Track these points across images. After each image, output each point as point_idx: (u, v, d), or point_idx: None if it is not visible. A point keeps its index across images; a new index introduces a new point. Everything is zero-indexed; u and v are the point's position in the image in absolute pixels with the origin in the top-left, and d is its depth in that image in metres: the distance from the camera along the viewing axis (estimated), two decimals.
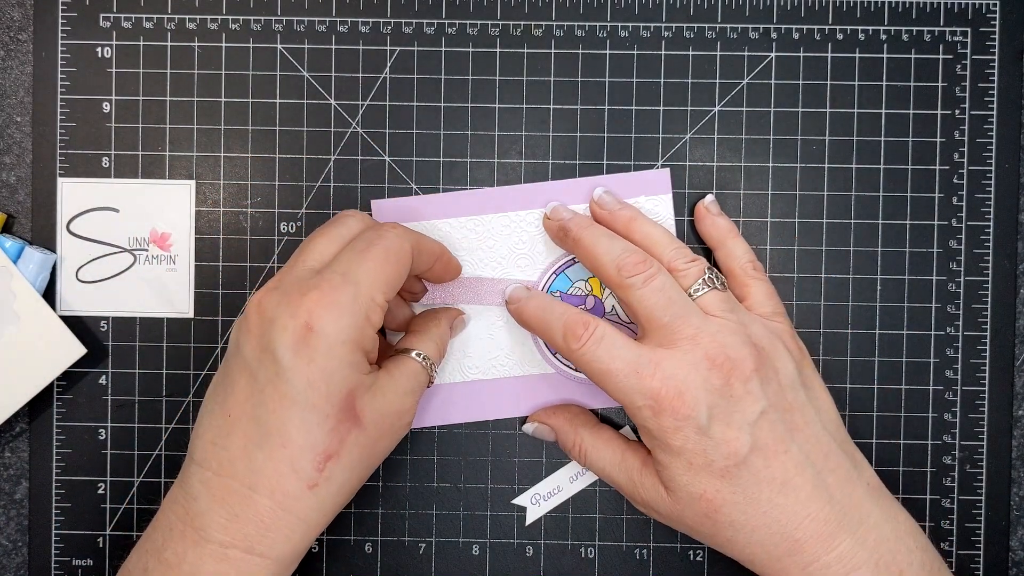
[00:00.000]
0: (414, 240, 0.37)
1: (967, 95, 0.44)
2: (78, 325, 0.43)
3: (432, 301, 0.43)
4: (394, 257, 0.36)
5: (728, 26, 0.44)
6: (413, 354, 0.38)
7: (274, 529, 0.33)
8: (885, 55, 0.44)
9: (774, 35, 0.44)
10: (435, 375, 0.40)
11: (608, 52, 0.44)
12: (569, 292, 0.43)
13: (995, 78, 0.44)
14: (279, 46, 0.44)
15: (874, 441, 0.44)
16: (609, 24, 0.44)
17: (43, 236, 0.44)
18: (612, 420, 0.44)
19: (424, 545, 0.44)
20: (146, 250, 0.44)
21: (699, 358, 0.36)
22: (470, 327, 0.43)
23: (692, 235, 0.44)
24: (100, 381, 0.44)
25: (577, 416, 0.42)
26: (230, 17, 0.44)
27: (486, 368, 0.43)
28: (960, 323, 0.44)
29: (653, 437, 0.36)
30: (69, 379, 0.44)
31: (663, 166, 0.44)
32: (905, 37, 0.44)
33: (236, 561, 0.33)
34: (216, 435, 0.34)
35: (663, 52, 0.44)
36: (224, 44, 0.44)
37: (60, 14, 0.44)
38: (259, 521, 0.33)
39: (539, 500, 0.44)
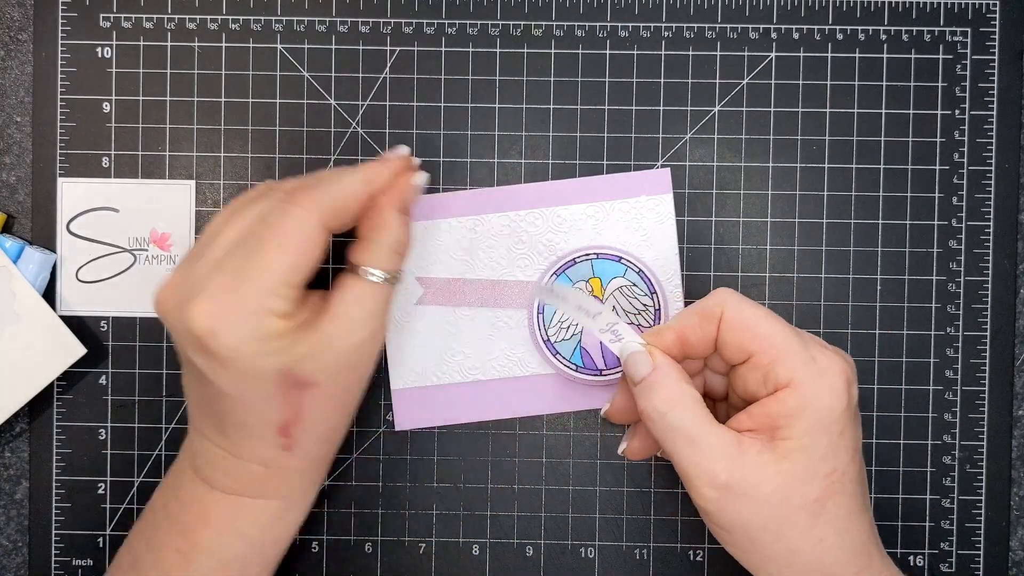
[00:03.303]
0: (325, 205, 0.34)
1: (967, 95, 0.44)
2: (78, 325, 0.43)
3: (443, 302, 0.42)
4: (294, 242, 0.33)
5: (728, 26, 0.44)
6: (360, 272, 0.35)
7: (270, 481, 0.35)
8: (885, 55, 0.44)
9: (774, 35, 0.44)
10: (398, 278, 0.36)
11: (608, 52, 0.44)
12: None
13: (995, 78, 0.44)
14: (279, 46, 0.44)
15: (874, 441, 0.44)
16: (609, 24, 0.44)
17: (43, 236, 0.44)
18: None
19: (424, 545, 0.44)
20: (146, 250, 0.44)
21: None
22: (471, 328, 0.43)
23: (692, 235, 0.44)
24: (100, 381, 0.44)
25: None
26: (230, 17, 0.44)
27: (486, 368, 0.43)
28: (960, 323, 0.44)
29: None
30: (69, 379, 0.44)
31: (663, 166, 0.44)
32: (905, 37, 0.44)
33: (245, 504, 0.36)
34: (194, 411, 0.37)
35: (663, 52, 0.44)
36: (224, 44, 0.44)
37: (60, 14, 0.44)
38: (253, 478, 0.35)
39: None
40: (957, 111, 0.44)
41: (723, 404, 0.39)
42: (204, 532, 0.36)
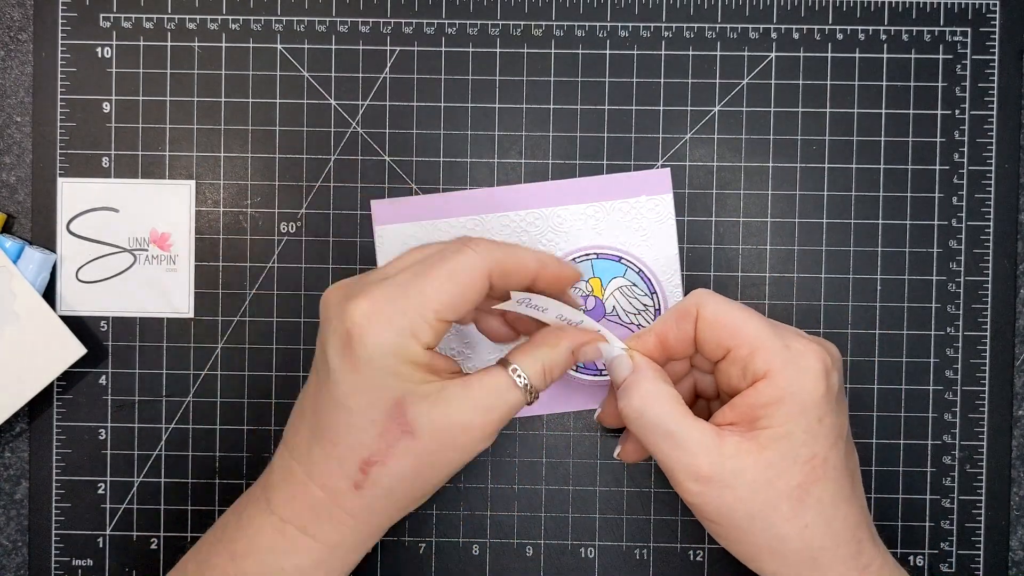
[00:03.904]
0: (497, 259, 0.35)
1: (967, 95, 0.44)
2: (78, 325, 0.43)
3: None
4: (459, 278, 0.34)
5: (728, 26, 0.44)
6: (509, 368, 0.35)
7: (324, 517, 0.35)
8: (885, 55, 0.44)
9: (774, 35, 0.44)
10: (534, 398, 0.36)
11: (608, 52, 0.44)
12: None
13: (995, 78, 0.44)
14: (279, 46, 0.44)
15: (874, 441, 0.44)
16: (609, 24, 0.44)
17: (43, 236, 0.44)
18: None
19: (424, 545, 0.44)
20: (146, 250, 0.44)
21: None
22: (471, 328, 0.43)
23: (691, 235, 0.44)
24: (100, 381, 0.44)
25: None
26: (230, 17, 0.44)
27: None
28: (960, 323, 0.44)
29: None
30: (69, 379, 0.44)
31: (663, 166, 0.44)
32: (905, 37, 0.44)
33: (290, 537, 0.35)
34: (295, 420, 0.36)
35: (663, 52, 0.44)
36: (224, 44, 0.44)
37: (60, 14, 0.44)
38: (312, 507, 0.35)
39: None
40: (957, 111, 0.44)
41: (716, 403, 0.39)
42: (249, 560, 0.35)
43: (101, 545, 0.44)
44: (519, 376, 0.35)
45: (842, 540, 0.35)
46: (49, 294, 0.43)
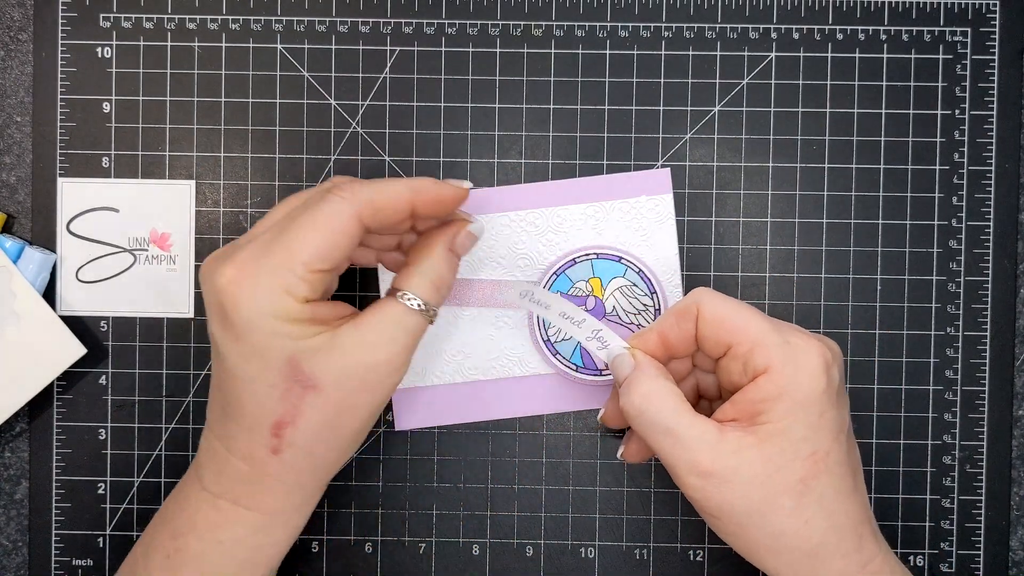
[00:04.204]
0: (365, 199, 0.34)
1: (967, 95, 0.44)
2: (78, 325, 0.43)
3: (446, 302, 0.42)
4: (327, 226, 0.33)
5: (728, 26, 0.44)
6: (398, 296, 0.35)
7: (253, 486, 0.35)
8: (885, 55, 0.44)
9: (774, 35, 0.44)
10: (433, 313, 0.36)
11: (608, 52, 0.44)
12: (569, 292, 0.43)
13: (995, 78, 0.44)
14: (279, 46, 0.44)
15: (874, 441, 0.44)
16: (609, 24, 0.44)
17: (43, 236, 0.44)
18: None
19: (424, 545, 0.44)
20: (146, 250, 0.44)
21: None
22: (471, 328, 0.43)
23: (691, 235, 0.44)
24: (100, 381, 0.44)
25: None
26: (230, 17, 0.44)
27: (486, 368, 0.43)
28: (960, 323, 0.44)
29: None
30: (69, 379, 0.44)
31: (663, 166, 0.44)
32: (905, 37, 0.44)
33: (226, 511, 0.35)
34: (210, 398, 0.37)
35: (663, 52, 0.44)
36: (224, 44, 0.44)
37: (60, 14, 0.44)
38: (239, 479, 0.35)
39: None
40: (957, 111, 0.44)
41: (718, 403, 0.39)
42: (190, 537, 0.36)
43: (101, 545, 0.44)
44: (410, 299, 0.35)
45: (844, 535, 0.35)
46: (49, 294, 0.43)
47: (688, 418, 0.35)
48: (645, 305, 0.43)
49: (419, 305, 0.35)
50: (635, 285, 0.43)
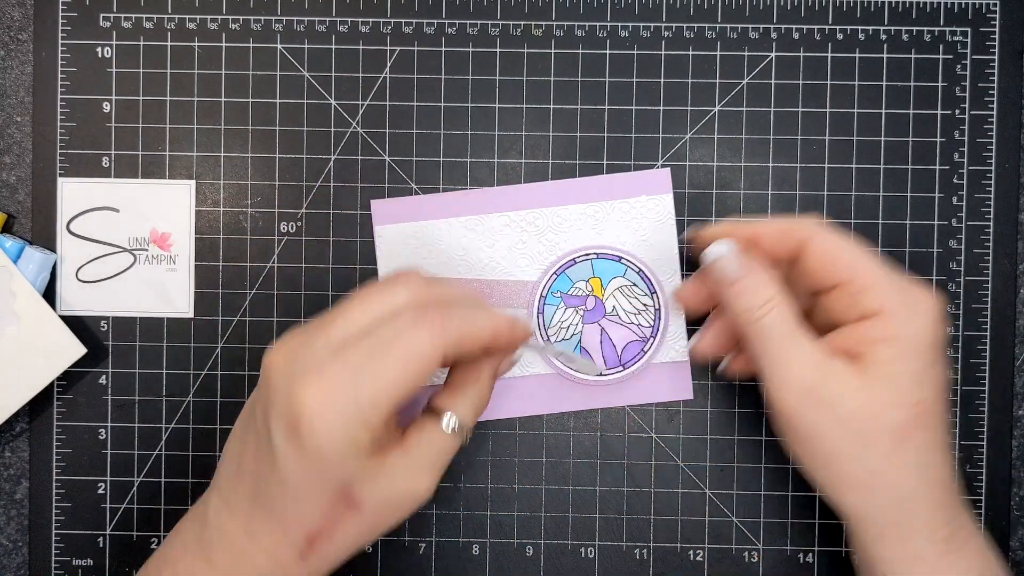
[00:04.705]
0: (453, 339, 0.33)
1: (967, 95, 0.44)
2: (78, 325, 0.43)
3: None
4: (414, 364, 0.32)
5: (728, 26, 0.44)
6: (443, 422, 0.35)
7: None
8: (885, 55, 0.44)
9: (774, 35, 0.44)
10: (468, 436, 0.36)
11: (608, 52, 0.44)
12: (569, 292, 0.43)
13: (995, 78, 0.44)
14: (279, 46, 0.44)
15: None
16: (609, 24, 0.44)
17: (43, 236, 0.44)
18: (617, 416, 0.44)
19: (424, 545, 0.44)
20: (146, 250, 0.44)
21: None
22: None
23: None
24: (100, 381, 0.44)
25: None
26: (230, 17, 0.44)
27: None
28: (960, 323, 0.44)
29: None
30: (69, 379, 0.44)
31: (663, 166, 0.44)
32: (905, 37, 0.44)
33: None
34: (234, 470, 0.35)
35: (663, 52, 0.44)
36: (224, 44, 0.44)
37: (60, 14, 0.44)
38: (254, 570, 0.34)
39: None
40: (957, 111, 0.44)
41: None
42: None
43: (101, 545, 0.44)
44: (452, 426, 0.35)
45: (933, 489, 0.35)
46: (49, 294, 0.43)
47: (801, 332, 0.35)
48: (645, 305, 0.43)
49: (458, 428, 0.35)
50: (635, 285, 0.43)
